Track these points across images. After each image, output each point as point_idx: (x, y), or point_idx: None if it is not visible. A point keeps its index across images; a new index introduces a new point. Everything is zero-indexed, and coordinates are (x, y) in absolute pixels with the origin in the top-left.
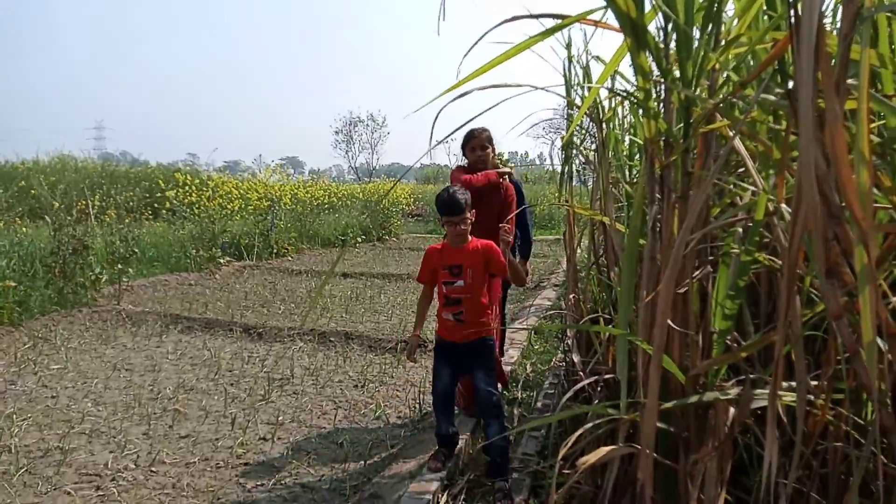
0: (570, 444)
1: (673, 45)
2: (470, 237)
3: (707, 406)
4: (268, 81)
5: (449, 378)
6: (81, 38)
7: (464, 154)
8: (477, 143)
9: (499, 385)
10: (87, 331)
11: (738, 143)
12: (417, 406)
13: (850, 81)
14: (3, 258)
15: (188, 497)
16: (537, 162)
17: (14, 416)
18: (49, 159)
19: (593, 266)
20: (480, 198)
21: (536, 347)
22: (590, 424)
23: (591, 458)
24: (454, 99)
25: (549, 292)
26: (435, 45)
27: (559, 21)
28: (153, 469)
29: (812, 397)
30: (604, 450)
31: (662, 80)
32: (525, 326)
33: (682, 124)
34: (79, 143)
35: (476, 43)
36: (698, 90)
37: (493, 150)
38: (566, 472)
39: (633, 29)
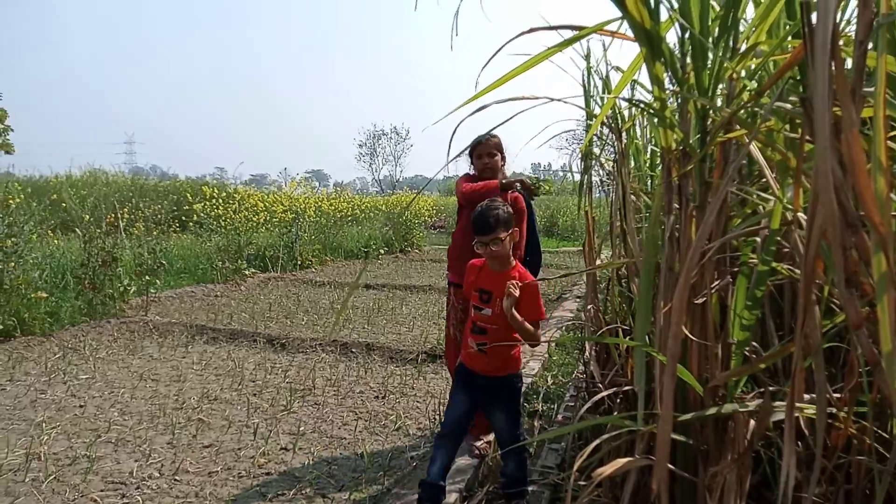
0: (585, 456)
1: (689, 54)
2: (514, 261)
3: (727, 418)
4: (294, 97)
5: (464, 407)
6: (114, 56)
7: (471, 162)
8: (483, 149)
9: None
10: (115, 341)
11: (755, 151)
12: (438, 417)
13: (866, 89)
14: (36, 270)
15: None
16: (560, 174)
17: (44, 425)
18: (81, 173)
19: (613, 276)
20: None
21: (557, 359)
22: (606, 436)
23: (607, 469)
24: (473, 112)
25: (570, 304)
26: (458, 58)
27: (576, 32)
28: (177, 478)
29: (834, 410)
30: (620, 461)
31: (678, 89)
32: (545, 339)
33: (699, 134)
34: (110, 158)
35: (494, 55)
36: (716, 100)
37: (504, 158)
38: (581, 483)
39: (648, 39)
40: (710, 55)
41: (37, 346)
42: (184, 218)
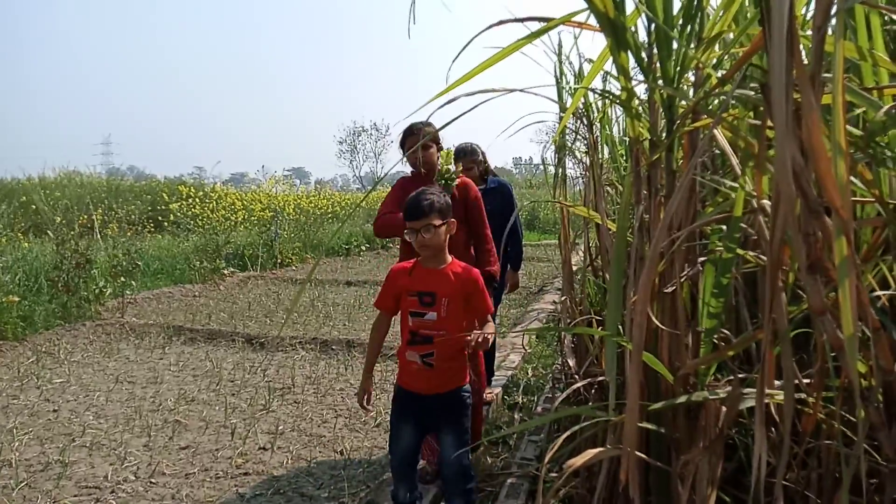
0: (558, 446)
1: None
2: (450, 257)
3: (698, 407)
4: (273, 93)
5: (411, 439)
6: (89, 54)
7: (403, 155)
8: (415, 141)
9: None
10: (91, 344)
11: (721, 139)
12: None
13: (825, 74)
14: (7, 273)
15: None
16: (540, 167)
17: (15, 431)
18: (55, 175)
19: (588, 268)
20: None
21: (537, 351)
22: (578, 426)
23: (579, 460)
24: (442, 105)
25: (551, 296)
26: (438, 55)
27: (544, 24)
28: (153, 480)
29: (804, 396)
30: (591, 452)
31: (644, 79)
32: (521, 330)
33: (665, 123)
34: (86, 159)
35: (464, 48)
36: (683, 89)
37: (439, 149)
38: (553, 475)
39: (613, 28)
40: (675, 44)
41: (9, 350)
42: (160, 218)
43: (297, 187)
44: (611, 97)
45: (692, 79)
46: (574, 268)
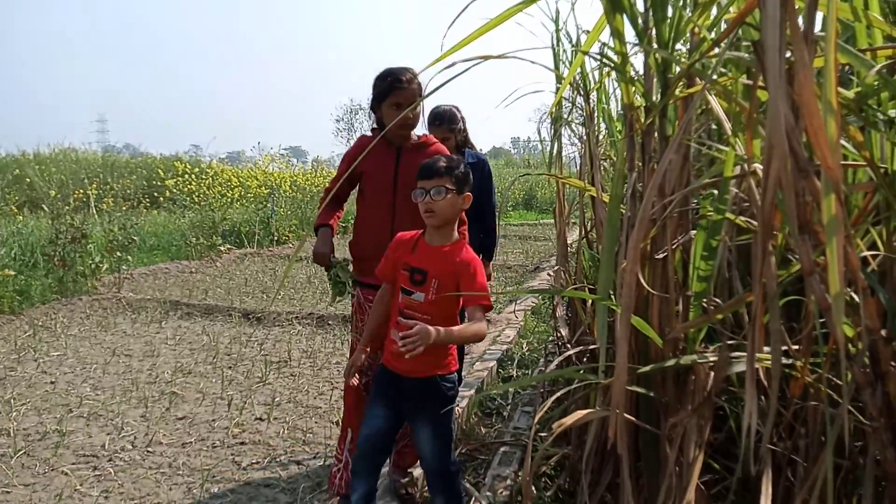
0: (546, 408)
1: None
2: (457, 236)
3: (688, 371)
4: (271, 72)
5: (383, 422)
6: (84, 30)
7: (375, 114)
8: (404, 97)
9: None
10: (88, 318)
11: (714, 103)
12: None
13: (818, 33)
14: (3, 248)
15: (183, 475)
16: (539, 147)
17: (13, 401)
18: (50, 151)
19: (583, 240)
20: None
21: (532, 326)
22: (567, 388)
23: (568, 420)
24: (439, 72)
25: (546, 274)
26: (437, 30)
27: None
28: (150, 449)
29: (792, 360)
30: (580, 413)
31: (639, 44)
32: (518, 309)
33: (661, 89)
34: (82, 137)
35: (459, 15)
36: (677, 54)
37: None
38: (543, 434)
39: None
40: (670, 8)
41: (6, 324)
42: (156, 194)
43: (294, 166)
44: (607, 63)
45: (688, 45)
46: (569, 241)
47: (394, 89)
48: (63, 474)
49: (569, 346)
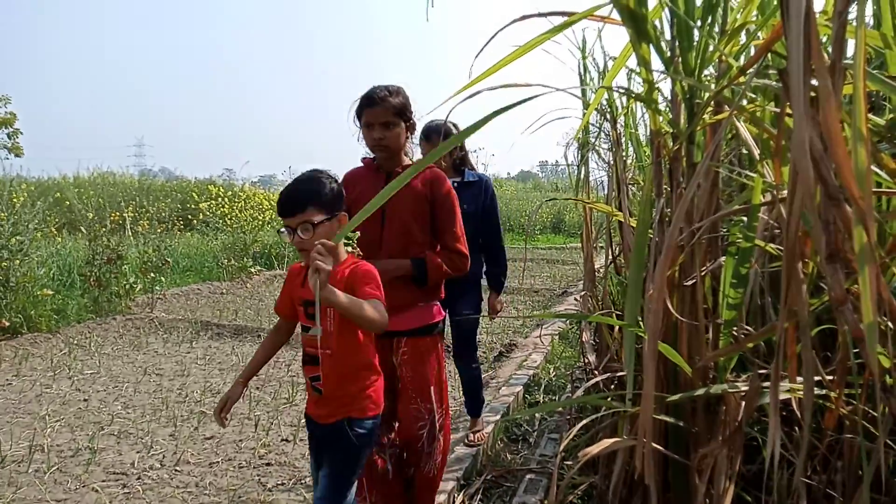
0: (572, 435)
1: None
2: (344, 254)
3: (718, 401)
4: (301, 98)
5: (316, 473)
6: (125, 59)
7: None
8: (374, 115)
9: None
10: (121, 337)
11: (742, 130)
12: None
13: (846, 61)
14: (42, 267)
15: (210, 495)
16: (566, 171)
17: (48, 418)
18: (89, 175)
19: (610, 265)
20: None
21: (560, 351)
22: (594, 416)
23: (594, 449)
24: (463, 100)
25: (573, 299)
26: (462, 53)
27: (567, 18)
28: (178, 468)
29: (826, 391)
30: (607, 441)
31: (665, 71)
32: (546, 333)
33: (686, 115)
34: (120, 161)
35: (487, 43)
36: (704, 81)
37: (408, 130)
38: (568, 462)
39: (633, 20)
40: (697, 35)
41: (43, 342)
42: (189, 217)
43: None
44: (633, 94)
45: (715, 72)
46: (597, 266)
47: (363, 108)
48: (94, 491)
49: (596, 372)
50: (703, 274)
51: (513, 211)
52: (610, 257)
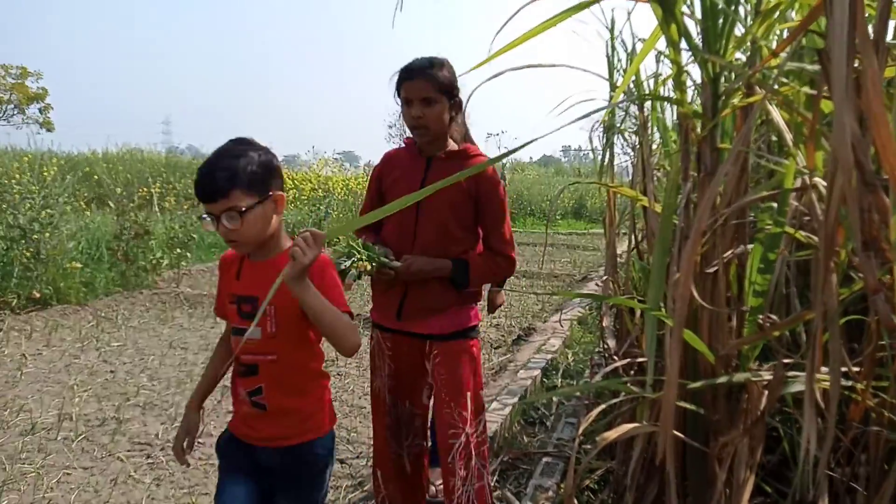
0: (591, 420)
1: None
2: (288, 241)
3: (740, 389)
4: (326, 77)
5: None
6: (153, 34)
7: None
8: (414, 90)
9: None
10: (147, 311)
11: (776, 115)
12: None
13: (890, 41)
14: (72, 241)
15: None
16: (590, 156)
17: (76, 388)
18: (117, 151)
19: (633, 250)
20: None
21: (578, 337)
22: (613, 401)
23: (612, 434)
24: (488, 79)
25: (594, 284)
26: (487, 36)
27: None
28: (200, 440)
29: (852, 382)
30: (626, 427)
31: (693, 54)
32: (566, 317)
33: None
34: (148, 138)
35: (509, 20)
36: (734, 63)
37: (455, 110)
38: (587, 447)
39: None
40: (725, 15)
41: (72, 314)
42: None
43: (347, 170)
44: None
45: (746, 54)
46: (619, 252)
47: (402, 81)
48: (119, 460)
49: (615, 357)
50: (726, 260)
51: (534, 196)
52: (633, 243)
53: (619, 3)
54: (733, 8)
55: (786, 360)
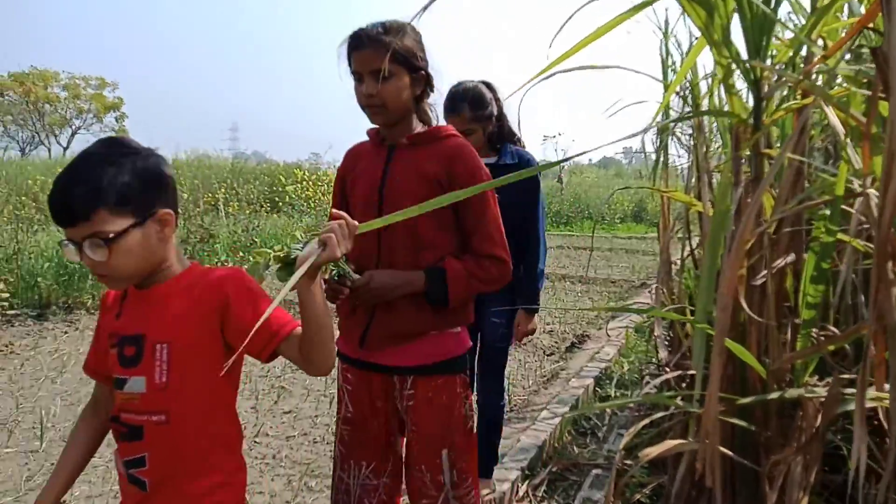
0: (635, 432)
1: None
2: (186, 263)
3: (794, 406)
4: None
5: None
6: (221, 47)
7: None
8: (362, 60)
9: None
10: None
11: (833, 118)
12: (507, 397)
13: None
14: None
15: (285, 468)
16: (652, 158)
17: None
18: (186, 157)
19: (688, 258)
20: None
21: (635, 346)
22: (659, 415)
23: (655, 450)
24: (536, 83)
25: (649, 291)
26: (531, 38)
27: None
28: (257, 440)
29: None
30: (670, 443)
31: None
32: (619, 325)
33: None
34: (216, 144)
35: (566, 22)
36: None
37: (419, 85)
38: (628, 462)
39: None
40: (767, 15)
41: None
42: (276, 199)
43: None
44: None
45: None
46: (674, 259)
47: (351, 51)
48: None
49: (667, 369)
50: (775, 270)
51: (592, 199)
52: (688, 250)
53: (673, 3)
54: (772, 8)
55: (843, 376)
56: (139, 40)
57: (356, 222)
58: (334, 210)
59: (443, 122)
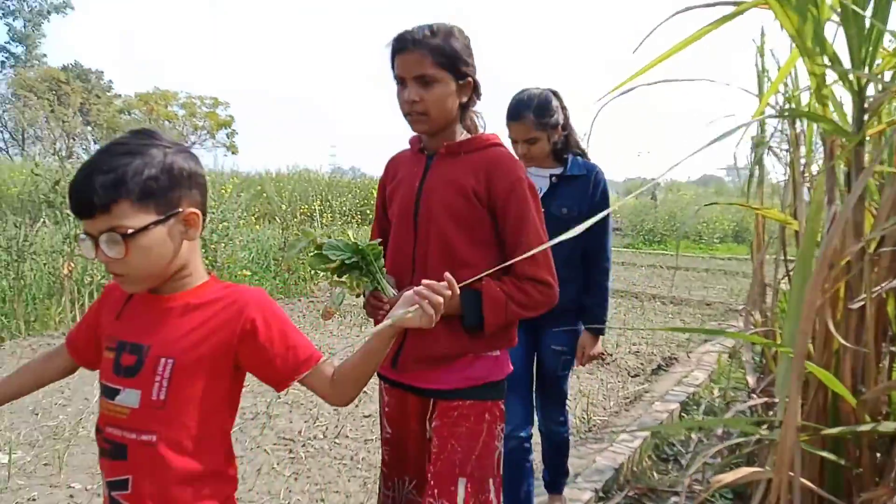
0: (704, 460)
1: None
2: (206, 275)
3: (892, 440)
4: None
5: None
6: (329, 72)
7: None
8: (405, 65)
9: None
10: (304, 317)
11: None
12: (586, 417)
13: None
14: (243, 251)
15: (361, 469)
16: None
17: None
18: (288, 172)
19: (783, 279)
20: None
21: (728, 371)
22: (739, 440)
23: (728, 477)
24: (616, 97)
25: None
26: (608, 42)
27: (734, 8)
28: (337, 441)
29: None
30: (744, 471)
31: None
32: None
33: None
34: (317, 159)
35: (650, 33)
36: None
37: (465, 92)
38: (697, 488)
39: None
40: (868, 23)
41: None
42: (367, 211)
43: None
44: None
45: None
46: (769, 280)
47: (394, 55)
48: (265, 452)
49: (754, 395)
50: (874, 294)
51: (688, 217)
52: (783, 271)
53: (769, 12)
54: (875, 13)
55: None
56: (252, 62)
57: (457, 289)
58: (434, 283)
59: (489, 132)
